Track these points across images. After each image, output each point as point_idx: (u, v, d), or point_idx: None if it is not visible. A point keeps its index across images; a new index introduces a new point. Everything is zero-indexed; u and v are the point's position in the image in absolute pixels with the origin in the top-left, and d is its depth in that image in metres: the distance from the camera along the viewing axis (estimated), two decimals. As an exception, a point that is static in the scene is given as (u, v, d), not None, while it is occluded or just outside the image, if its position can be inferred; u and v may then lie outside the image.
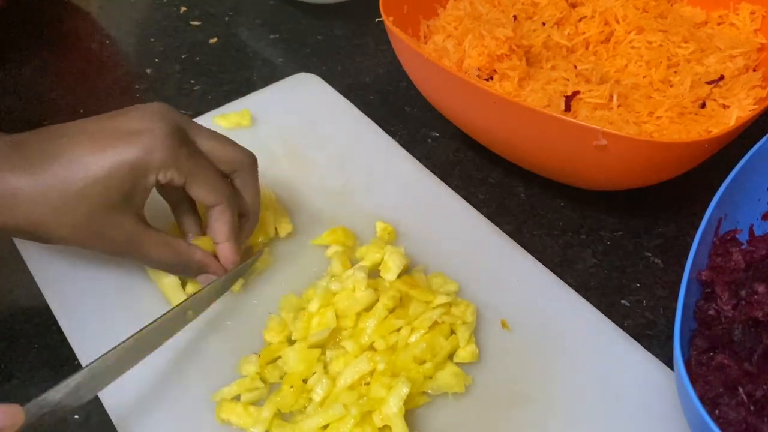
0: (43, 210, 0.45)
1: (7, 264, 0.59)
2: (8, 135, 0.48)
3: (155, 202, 0.53)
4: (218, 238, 0.52)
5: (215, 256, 0.53)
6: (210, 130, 0.52)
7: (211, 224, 0.52)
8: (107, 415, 0.49)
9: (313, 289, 0.53)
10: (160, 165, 0.47)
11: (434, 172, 0.65)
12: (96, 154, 0.46)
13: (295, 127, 0.69)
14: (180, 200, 0.54)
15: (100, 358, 0.44)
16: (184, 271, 0.53)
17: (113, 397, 0.49)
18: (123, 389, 0.50)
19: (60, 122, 0.50)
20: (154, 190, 0.50)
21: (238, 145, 0.53)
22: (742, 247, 0.51)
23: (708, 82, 0.63)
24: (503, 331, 0.53)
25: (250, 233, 0.55)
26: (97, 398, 0.49)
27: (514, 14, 0.68)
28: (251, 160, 0.53)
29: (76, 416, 0.50)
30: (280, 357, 0.51)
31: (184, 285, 0.55)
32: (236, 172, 0.52)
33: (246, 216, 0.54)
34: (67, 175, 0.45)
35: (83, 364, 0.51)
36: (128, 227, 0.48)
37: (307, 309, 0.52)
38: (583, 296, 0.55)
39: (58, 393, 0.42)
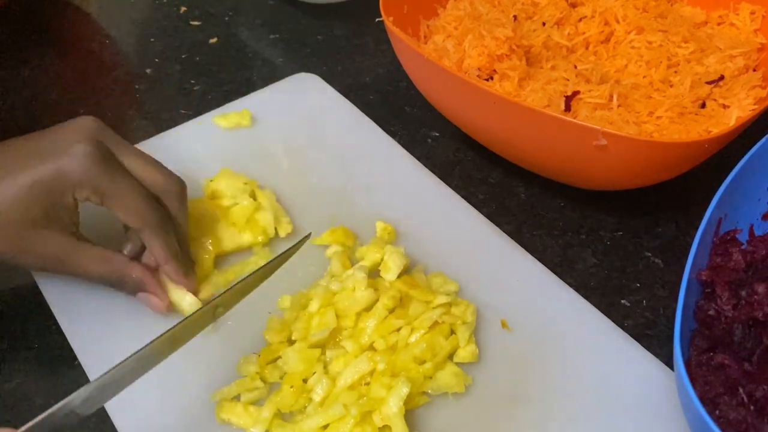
0: None
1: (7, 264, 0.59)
2: None
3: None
4: (158, 261, 0.52)
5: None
6: (140, 151, 0.52)
7: (147, 248, 0.52)
8: (107, 415, 0.49)
9: (314, 289, 0.53)
10: (74, 184, 0.47)
11: (434, 172, 0.65)
12: (12, 175, 0.47)
13: (295, 127, 0.69)
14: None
15: (107, 372, 0.43)
16: (122, 286, 0.52)
17: (114, 397, 0.49)
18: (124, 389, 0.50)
19: (60, 122, 0.50)
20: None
21: (167, 170, 0.53)
22: (742, 247, 0.51)
23: (708, 82, 0.63)
24: (503, 331, 0.53)
25: (186, 271, 0.54)
26: (97, 398, 0.49)
27: (514, 14, 0.68)
28: (179, 187, 0.53)
29: (76, 416, 0.50)
30: (280, 357, 0.51)
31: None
32: (164, 197, 0.52)
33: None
34: None
35: (83, 364, 0.51)
36: (57, 242, 0.49)
37: (308, 309, 0.52)
38: (583, 296, 0.55)
39: (61, 411, 0.41)
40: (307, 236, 0.55)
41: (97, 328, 0.53)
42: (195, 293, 0.54)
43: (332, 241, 0.57)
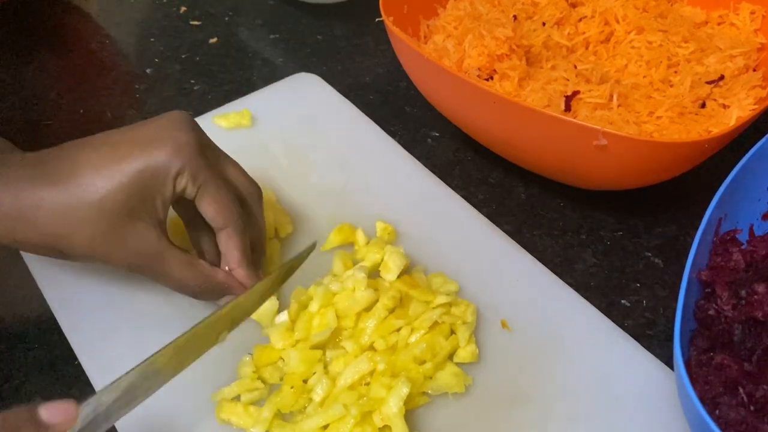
0: (66, 221, 0.45)
1: (7, 264, 0.59)
2: (28, 152, 0.48)
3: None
4: (230, 264, 0.51)
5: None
6: (224, 152, 0.52)
7: (221, 250, 0.51)
8: (107, 415, 0.49)
9: (315, 288, 0.53)
10: (177, 170, 0.47)
11: (434, 172, 0.65)
12: (118, 163, 0.46)
13: (295, 127, 0.69)
14: (194, 216, 0.52)
15: (150, 357, 0.42)
16: (206, 294, 0.51)
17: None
18: (123, 389, 0.50)
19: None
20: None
21: (249, 176, 0.53)
22: (742, 247, 0.51)
23: (708, 82, 0.63)
24: (503, 331, 0.53)
25: (258, 266, 0.54)
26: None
27: (514, 14, 0.68)
28: (259, 192, 0.53)
29: (76, 416, 0.50)
30: (281, 358, 0.50)
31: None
32: (245, 202, 0.52)
33: (253, 247, 0.53)
34: (90, 184, 0.45)
35: (83, 364, 0.51)
36: (151, 239, 0.48)
37: (308, 309, 0.52)
38: (583, 296, 0.55)
39: (112, 393, 0.40)
40: (313, 245, 0.54)
41: (97, 328, 0.53)
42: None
43: (341, 241, 0.57)
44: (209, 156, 0.49)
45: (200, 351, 0.46)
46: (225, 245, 0.50)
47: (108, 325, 0.53)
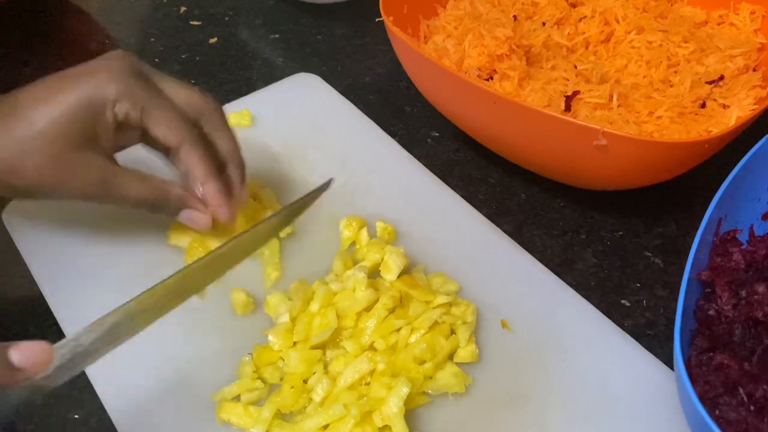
0: (11, 154, 0.46)
1: (6, 264, 0.59)
2: None
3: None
4: (197, 179, 0.50)
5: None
6: (172, 77, 0.51)
7: (185, 169, 0.51)
8: (107, 415, 0.49)
9: (318, 286, 0.53)
10: (114, 97, 0.47)
11: (434, 172, 0.65)
12: (55, 95, 0.47)
13: (295, 127, 0.69)
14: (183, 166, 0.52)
15: (132, 300, 0.42)
16: (164, 207, 0.51)
17: (113, 397, 0.49)
18: (123, 389, 0.50)
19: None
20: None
21: (202, 91, 0.52)
22: (742, 247, 0.51)
23: (708, 82, 0.63)
24: (503, 331, 0.53)
25: (241, 180, 0.53)
26: (97, 398, 0.49)
27: (514, 14, 0.68)
28: (216, 105, 0.52)
29: (76, 416, 0.50)
30: (281, 358, 0.50)
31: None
32: (203, 117, 0.51)
33: (227, 164, 0.53)
34: (30, 118, 0.46)
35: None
36: (98, 165, 0.48)
37: (308, 309, 0.52)
38: (583, 296, 0.55)
39: (92, 333, 0.40)
40: (328, 183, 0.55)
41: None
42: (233, 218, 0.53)
43: (353, 231, 0.58)
44: (149, 79, 0.49)
45: (189, 293, 0.45)
46: (186, 163, 0.50)
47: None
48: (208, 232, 0.54)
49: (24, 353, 0.36)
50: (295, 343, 0.51)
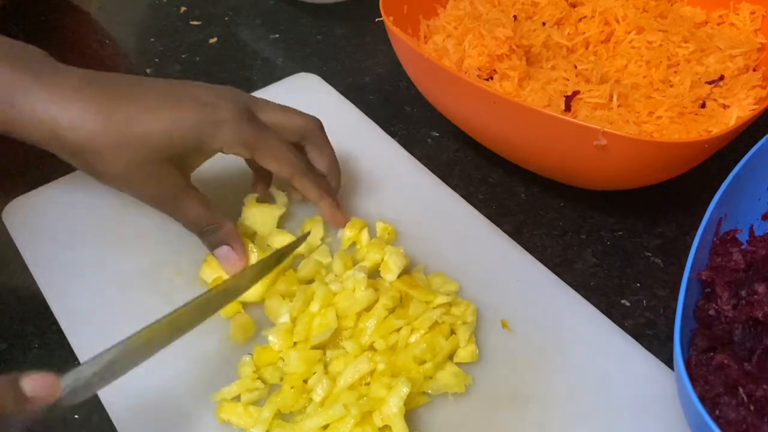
0: (105, 142, 0.47)
1: (7, 264, 0.59)
2: (84, 70, 0.50)
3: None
4: (311, 199, 0.56)
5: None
6: (274, 103, 0.55)
7: (299, 191, 0.56)
8: (107, 415, 0.49)
9: (317, 286, 0.53)
10: (225, 141, 0.50)
11: (434, 172, 0.65)
12: (169, 109, 0.49)
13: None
14: (258, 167, 0.58)
15: (132, 336, 0.43)
16: (209, 235, 0.53)
17: (114, 397, 0.49)
18: (123, 389, 0.50)
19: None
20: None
21: (303, 113, 0.56)
22: (742, 247, 0.51)
23: (708, 82, 0.63)
24: (503, 331, 0.53)
25: (336, 190, 0.58)
26: (97, 398, 0.49)
27: (514, 14, 0.68)
28: (317, 125, 0.56)
29: (76, 416, 0.50)
30: (281, 358, 0.50)
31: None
32: (305, 138, 0.55)
33: (326, 177, 0.57)
34: (136, 118, 0.48)
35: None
36: (175, 182, 0.51)
37: (309, 309, 0.52)
38: (583, 296, 0.55)
39: (92, 367, 0.41)
40: (307, 234, 0.57)
41: (98, 328, 0.53)
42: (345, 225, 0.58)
43: (355, 232, 0.58)
44: (257, 117, 0.52)
45: (185, 329, 0.47)
46: (301, 189, 0.55)
47: (109, 324, 0.53)
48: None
49: (36, 383, 0.37)
50: (295, 344, 0.51)
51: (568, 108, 0.60)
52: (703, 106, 0.61)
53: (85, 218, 0.60)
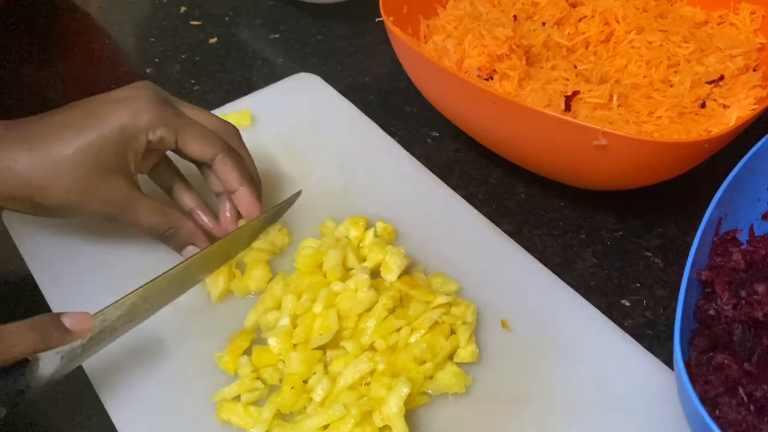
0: (41, 174, 0.48)
1: (7, 264, 0.59)
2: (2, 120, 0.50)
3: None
4: (231, 186, 0.55)
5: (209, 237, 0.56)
6: (193, 105, 0.55)
7: (220, 178, 0.55)
8: (107, 415, 0.49)
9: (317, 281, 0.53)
10: (148, 125, 0.51)
11: (434, 172, 0.65)
12: (88, 120, 0.50)
13: (295, 127, 0.69)
14: (172, 179, 0.57)
15: (150, 282, 0.48)
16: (173, 239, 0.54)
17: (114, 397, 0.49)
18: (124, 389, 0.50)
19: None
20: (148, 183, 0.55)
21: (219, 117, 0.56)
22: (742, 247, 0.51)
23: (708, 82, 0.63)
24: (503, 331, 0.53)
25: (258, 196, 0.56)
26: (97, 398, 0.49)
27: (514, 14, 0.68)
28: (234, 129, 0.57)
29: (76, 416, 0.50)
30: (281, 360, 0.50)
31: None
32: (224, 137, 0.55)
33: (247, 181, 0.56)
34: (63, 140, 0.49)
35: (83, 364, 0.51)
36: (122, 190, 0.51)
37: (311, 311, 0.52)
38: (583, 296, 0.55)
39: (117, 310, 0.47)
40: (297, 193, 0.58)
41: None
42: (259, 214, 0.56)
43: (360, 231, 0.58)
44: (177, 106, 0.53)
45: (188, 285, 0.52)
46: (221, 172, 0.54)
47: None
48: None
49: (73, 318, 0.44)
50: (295, 346, 0.51)
51: (568, 108, 0.60)
52: (703, 106, 0.61)
53: (85, 219, 0.60)
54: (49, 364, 0.44)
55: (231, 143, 0.55)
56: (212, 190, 0.57)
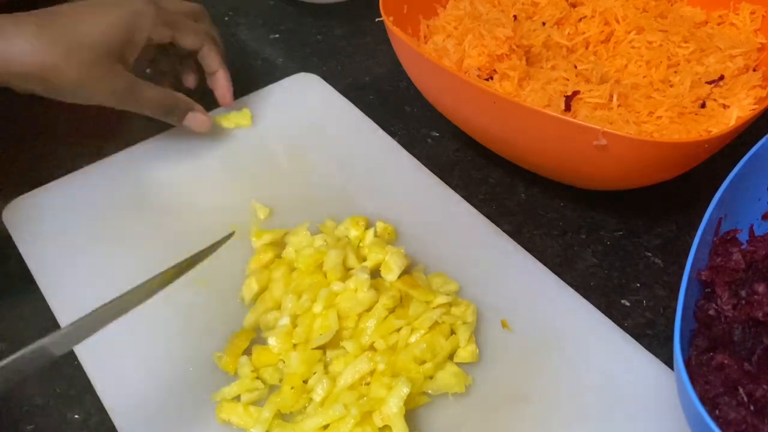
0: (54, 55, 0.54)
1: (7, 264, 0.59)
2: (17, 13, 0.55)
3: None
4: (212, 67, 0.65)
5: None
6: None
7: (203, 62, 0.65)
8: (107, 415, 0.49)
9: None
10: (149, 26, 0.59)
11: (434, 172, 0.65)
12: (96, 14, 0.57)
13: (295, 127, 0.69)
14: (164, 72, 0.67)
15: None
16: (174, 110, 0.63)
17: (114, 397, 0.49)
18: (124, 389, 0.50)
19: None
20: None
21: (189, 2, 0.65)
22: (742, 247, 0.51)
23: (708, 82, 0.63)
24: (503, 331, 0.53)
25: (223, 56, 0.66)
26: (97, 398, 0.49)
27: (514, 14, 0.68)
28: (204, 10, 0.66)
29: (76, 416, 0.50)
30: (281, 360, 0.50)
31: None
32: (199, 20, 0.65)
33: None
34: (74, 28, 0.55)
35: (83, 364, 0.51)
36: (125, 75, 0.58)
37: (311, 311, 0.52)
38: (583, 296, 0.55)
39: (34, 352, 0.42)
40: (230, 234, 0.54)
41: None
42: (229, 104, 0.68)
43: (361, 230, 0.58)
44: (165, 6, 0.61)
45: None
46: (206, 57, 0.64)
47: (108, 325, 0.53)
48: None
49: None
50: (295, 346, 0.51)
51: (568, 108, 0.60)
52: (703, 106, 0.61)
53: (85, 218, 0.60)
54: None
55: (207, 26, 0.65)
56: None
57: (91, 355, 0.52)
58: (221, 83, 0.66)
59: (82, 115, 0.73)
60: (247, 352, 0.51)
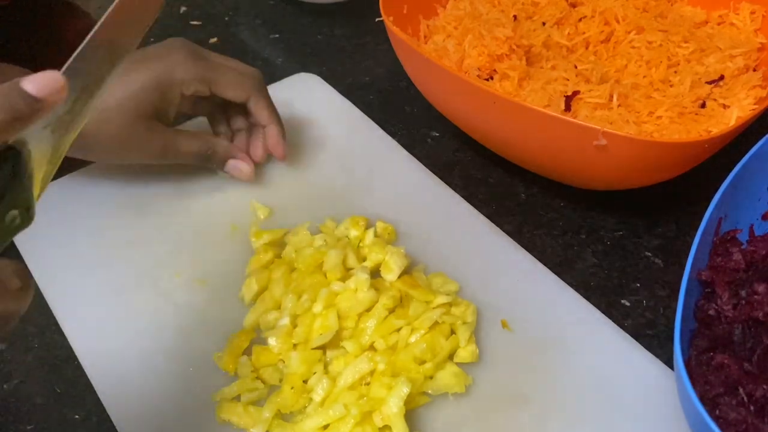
0: (92, 121, 0.50)
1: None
2: None
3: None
4: (263, 121, 0.61)
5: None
6: (222, 56, 0.61)
7: (253, 115, 0.61)
8: (107, 415, 0.49)
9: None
10: (182, 80, 0.56)
11: (434, 172, 0.65)
12: (129, 74, 0.55)
13: (295, 127, 0.68)
14: (213, 110, 0.63)
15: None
16: (213, 159, 0.60)
17: (114, 397, 0.49)
18: (123, 389, 0.50)
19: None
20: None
21: (246, 65, 0.61)
22: (742, 247, 0.51)
23: (708, 82, 0.63)
24: (503, 331, 0.53)
25: (283, 137, 0.62)
26: (96, 398, 0.49)
27: (514, 14, 0.68)
28: (260, 74, 0.62)
29: (76, 416, 0.50)
30: (281, 360, 0.50)
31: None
32: (251, 90, 0.61)
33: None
34: (109, 91, 0.51)
35: (83, 364, 0.51)
36: (160, 132, 0.57)
37: (311, 311, 0.52)
38: (583, 296, 0.55)
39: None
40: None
41: (98, 328, 0.53)
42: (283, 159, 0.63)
43: (361, 230, 0.58)
44: (207, 58, 0.59)
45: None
46: (255, 109, 0.61)
47: (108, 325, 0.53)
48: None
49: (37, 81, 0.32)
50: (295, 346, 0.51)
51: (568, 108, 0.60)
52: (703, 106, 0.61)
53: (84, 218, 0.60)
54: (40, 143, 0.35)
55: (255, 82, 0.61)
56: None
57: (91, 355, 0.52)
58: (271, 141, 0.62)
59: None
60: (247, 352, 0.51)
